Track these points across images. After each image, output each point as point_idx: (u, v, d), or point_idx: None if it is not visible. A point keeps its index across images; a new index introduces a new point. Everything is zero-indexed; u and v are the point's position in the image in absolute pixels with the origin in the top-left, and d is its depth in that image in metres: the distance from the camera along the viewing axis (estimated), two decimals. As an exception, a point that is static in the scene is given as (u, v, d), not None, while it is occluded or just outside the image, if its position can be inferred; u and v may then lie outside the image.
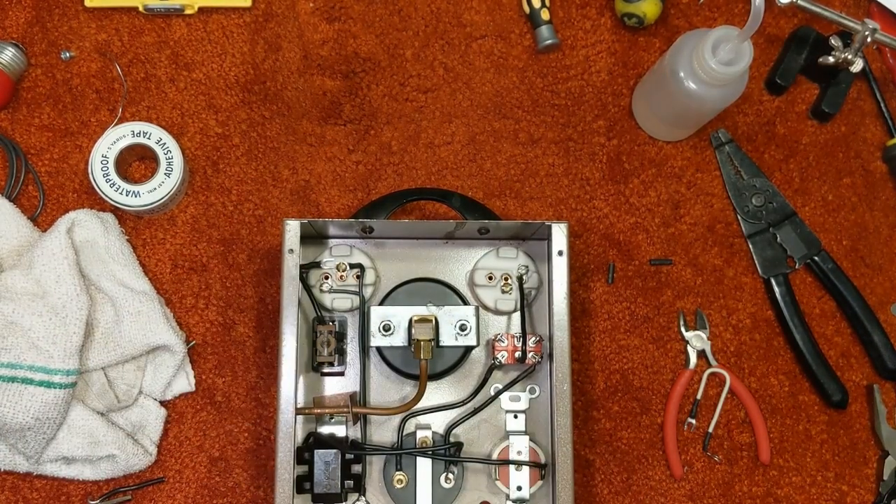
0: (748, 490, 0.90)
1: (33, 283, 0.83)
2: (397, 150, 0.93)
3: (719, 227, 0.94)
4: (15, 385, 0.80)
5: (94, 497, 0.86)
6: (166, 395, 0.88)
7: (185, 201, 0.91)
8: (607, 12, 0.96)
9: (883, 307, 0.94)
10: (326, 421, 0.85)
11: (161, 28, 0.93)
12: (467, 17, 0.95)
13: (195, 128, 0.92)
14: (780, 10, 0.97)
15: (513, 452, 0.84)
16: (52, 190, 0.91)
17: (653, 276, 0.93)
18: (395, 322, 0.82)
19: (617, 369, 0.91)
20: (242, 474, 0.88)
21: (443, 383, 0.88)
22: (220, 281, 0.90)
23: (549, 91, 0.95)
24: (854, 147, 0.96)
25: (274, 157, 0.93)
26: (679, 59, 0.84)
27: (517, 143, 0.94)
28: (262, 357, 0.89)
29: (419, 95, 0.94)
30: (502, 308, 0.87)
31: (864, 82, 0.97)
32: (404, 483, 0.85)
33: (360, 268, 0.86)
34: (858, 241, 0.95)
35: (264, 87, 0.93)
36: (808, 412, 0.92)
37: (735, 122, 0.96)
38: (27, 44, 0.92)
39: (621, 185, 0.94)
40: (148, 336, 0.85)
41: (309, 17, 0.94)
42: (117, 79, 0.92)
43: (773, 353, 0.93)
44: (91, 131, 0.91)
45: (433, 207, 0.92)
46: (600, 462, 0.90)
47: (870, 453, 0.92)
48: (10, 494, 0.86)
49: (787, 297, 0.92)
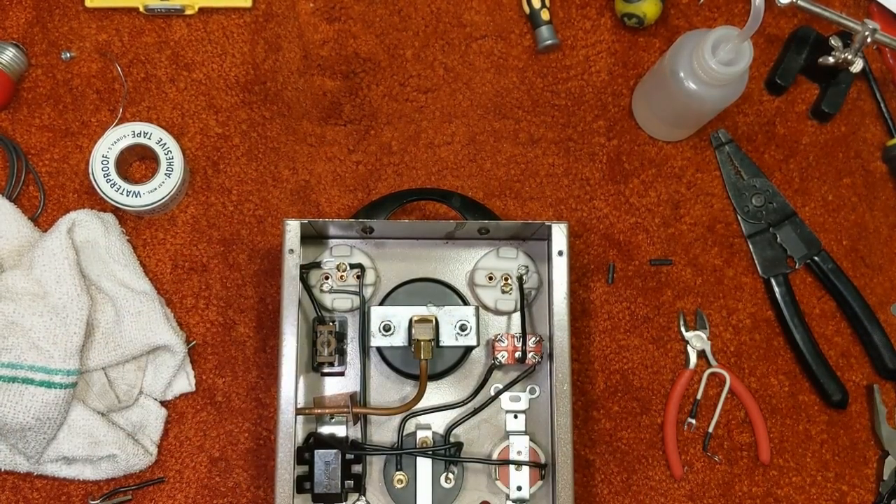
0: (748, 490, 0.90)
1: (34, 283, 0.83)
2: (397, 150, 0.93)
3: (719, 227, 0.94)
4: (16, 385, 0.80)
5: (95, 497, 0.86)
6: (167, 395, 0.88)
7: (186, 201, 0.91)
8: (607, 12, 0.96)
9: (883, 307, 0.94)
10: (327, 421, 0.85)
11: (161, 28, 0.93)
12: (467, 18, 0.95)
13: (195, 128, 0.92)
14: (780, 10, 0.97)
15: (513, 452, 0.85)
16: (53, 190, 0.91)
17: (653, 276, 0.93)
18: (396, 322, 0.82)
19: (617, 369, 0.91)
20: (243, 474, 0.88)
21: (443, 383, 0.88)
22: (221, 281, 0.90)
23: (549, 91, 0.95)
24: (854, 147, 0.96)
25: (274, 158, 0.93)
26: (679, 59, 0.84)
27: (517, 143, 0.94)
28: (262, 357, 0.89)
29: (419, 95, 0.94)
30: (502, 308, 0.87)
31: (864, 82, 0.97)
32: (404, 483, 0.85)
33: (361, 268, 0.86)
34: (858, 241, 0.95)
35: (264, 87, 0.93)
36: (808, 412, 0.92)
37: (735, 122, 0.96)
38: (27, 44, 0.92)
39: (621, 185, 0.94)
40: (148, 336, 0.85)
41: (309, 17, 0.94)
42: (118, 79, 0.93)
43: (773, 353, 0.93)
44: (91, 131, 0.92)
45: (433, 207, 0.92)
46: (600, 462, 0.90)
47: (870, 453, 0.92)
48: (11, 494, 0.86)
49: (787, 297, 0.92)
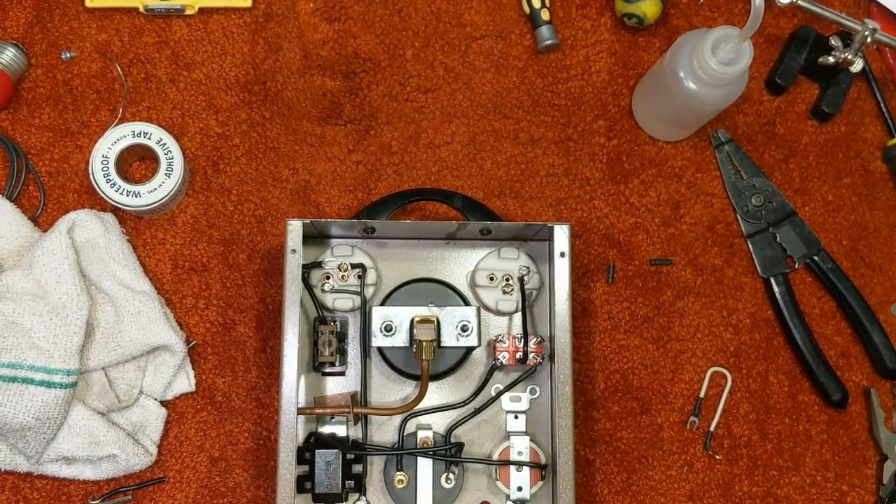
0: (748, 490, 0.90)
1: (34, 283, 0.83)
2: (397, 150, 0.93)
3: (719, 227, 0.94)
4: (16, 385, 0.80)
5: (95, 497, 0.86)
6: (167, 395, 0.88)
7: (186, 201, 0.91)
8: (607, 12, 0.96)
9: (883, 307, 0.94)
10: (327, 421, 0.85)
11: (161, 28, 0.93)
12: (467, 17, 0.95)
13: (195, 128, 0.92)
14: (780, 10, 0.97)
15: (513, 453, 0.84)
16: (53, 190, 0.90)
17: (653, 276, 0.93)
18: (397, 322, 0.82)
19: (617, 369, 0.91)
20: (243, 474, 0.88)
21: (444, 384, 0.88)
22: (221, 281, 0.90)
23: (549, 91, 0.95)
24: (854, 147, 0.96)
25: (274, 157, 0.92)
26: (679, 59, 0.85)
27: (517, 143, 0.94)
28: (262, 357, 0.89)
29: (419, 95, 0.94)
30: (503, 309, 0.87)
31: (864, 82, 0.97)
32: (405, 483, 0.85)
33: (362, 268, 0.86)
34: (858, 241, 0.95)
35: (264, 87, 0.93)
36: (808, 412, 0.92)
37: (735, 122, 0.96)
38: (27, 44, 0.92)
39: (621, 185, 0.94)
40: (148, 336, 0.85)
41: (309, 17, 0.94)
42: (118, 79, 0.92)
43: (773, 353, 0.93)
44: (91, 131, 0.91)
45: (434, 208, 0.92)
46: (600, 462, 0.90)
47: (869, 453, 0.92)
48: (11, 494, 0.86)
49: (787, 297, 0.92)
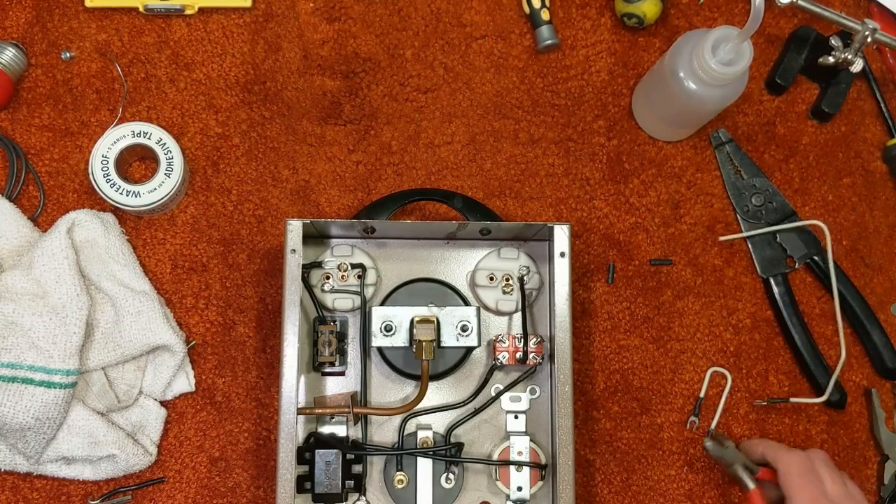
0: (748, 490, 0.90)
1: (33, 283, 0.83)
2: (397, 150, 0.93)
3: (719, 227, 0.94)
4: (15, 385, 0.80)
5: (95, 497, 0.86)
6: (166, 395, 0.88)
7: (185, 201, 0.91)
8: (607, 12, 0.96)
9: (883, 307, 0.94)
10: (327, 421, 0.85)
11: (161, 28, 0.93)
12: (467, 17, 0.95)
13: (195, 128, 0.92)
14: (780, 10, 0.97)
15: (513, 453, 0.85)
16: (53, 190, 0.90)
17: (653, 276, 0.93)
18: (397, 322, 0.82)
19: (617, 369, 0.91)
20: (242, 474, 0.88)
21: (443, 384, 0.88)
22: (220, 281, 0.90)
23: (549, 91, 0.95)
24: (854, 147, 0.96)
25: (274, 157, 0.92)
26: (679, 59, 0.84)
27: (517, 143, 0.94)
28: (262, 357, 0.89)
29: (419, 95, 0.94)
30: (503, 309, 0.87)
31: (864, 82, 0.97)
32: (405, 483, 0.85)
33: (362, 268, 0.86)
34: (858, 241, 0.95)
35: (264, 87, 0.93)
36: (808, 412, 0.92)
37: (735, 122, 0.96)
38: (27, 44, 0.92)
39: (621, 185, 0.94)
40: (148, 336, 0.85)
41: (309, 17, 0.94)
42: (117, 79, 0.92)
43: (773, 353, 0.93)
44: (91, 131, 0.91)
45: (434, 208, 0.92)
46: (600, 462, 0.90)
47: (870, 453, 0.92)
48: (11, 494, 0.86)
49: (787, 297, 0.92)
